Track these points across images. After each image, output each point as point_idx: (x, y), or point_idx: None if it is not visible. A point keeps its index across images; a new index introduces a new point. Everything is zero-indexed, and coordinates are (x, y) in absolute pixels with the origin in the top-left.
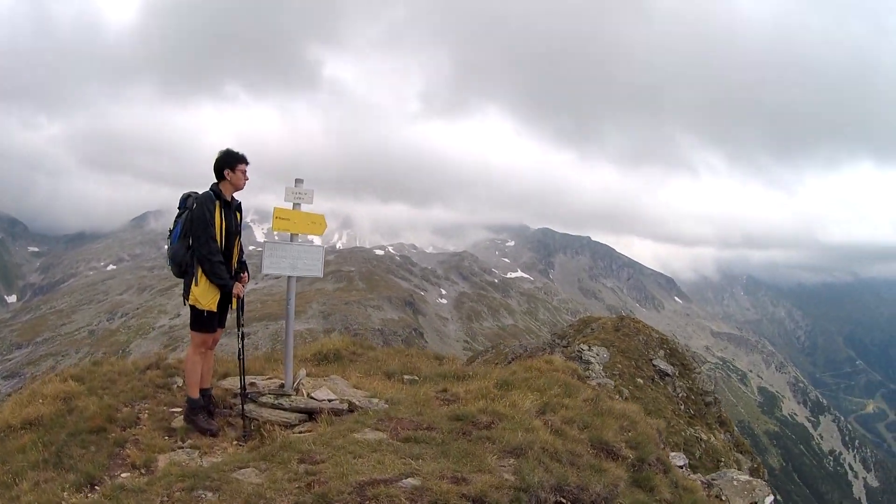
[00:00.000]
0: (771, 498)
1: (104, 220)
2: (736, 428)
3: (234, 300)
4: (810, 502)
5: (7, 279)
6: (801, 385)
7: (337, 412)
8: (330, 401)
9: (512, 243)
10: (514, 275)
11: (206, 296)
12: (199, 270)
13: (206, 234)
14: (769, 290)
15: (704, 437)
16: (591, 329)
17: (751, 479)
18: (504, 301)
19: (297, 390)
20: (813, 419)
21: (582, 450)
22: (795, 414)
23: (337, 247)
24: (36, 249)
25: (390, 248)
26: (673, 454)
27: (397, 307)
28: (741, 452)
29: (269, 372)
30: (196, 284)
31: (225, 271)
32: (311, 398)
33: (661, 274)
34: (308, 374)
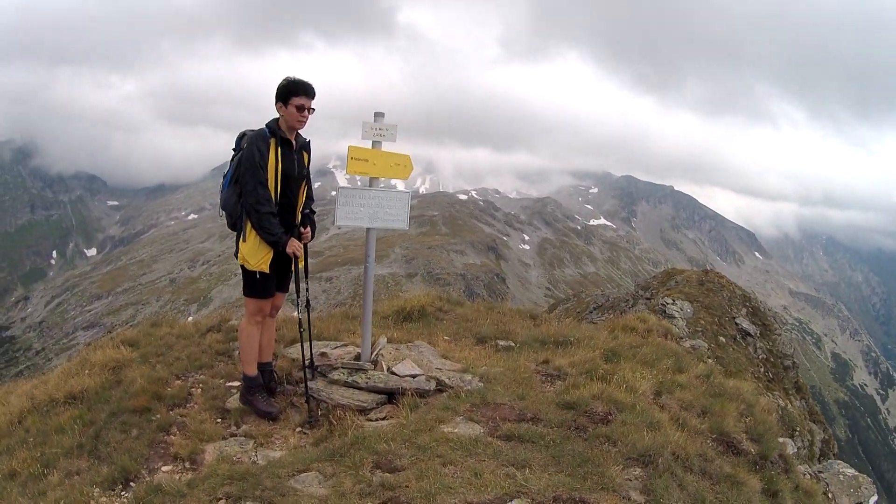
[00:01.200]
0: (875, 498)
1: (183, 171)
2: (810, 395)
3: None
4: (872, 480)
5: (87, 233)
6: (874, 355)
7: (422, 393)
8: (414, 377)
9: (595, 190)
10: (596, 222)
11: (255, 254)
12: (248, 223)
13: (255, 178)
14: (847, 252)
15: (782, 403)
16: (675, 282)
17: (857, 474)
18: (586, 248)
19: (375, 363)
20: (882, 392)
21: (709, 449)
22: (865, 384)
23: (420, 191)
24: (115, 203)
25: (473, 193)
26: (783, 439)
27: (480, 252)
28: (814, 422)
29: (345, 336)
30: (244, 240)
31: (276, 224)
32: (392, 373)
33: (743, 228)
34: (389, 340)
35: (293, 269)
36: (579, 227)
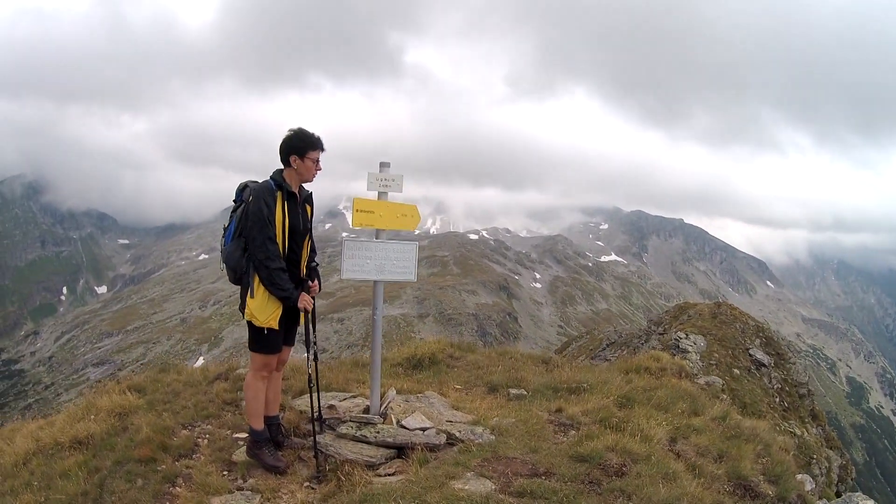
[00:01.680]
0: None
1: (194, 211)
2: (826, 422)
3: (302, 315)
4: (891, 501)
5: (97, 271)
6: (889, 376)
7: (432, 447)
8: (424, 430)
9: (605, 226)
10: (607, 258)
11: (264, 310)
12: (256, 279)
13: (263, 234)
14: (859, 275)
15: (798, 431)
16: (688, 316)
17: None
18: (598, 285)
19: (384, 416)
20: None
21: (725, 497)
22: (882, 406)
23: (431, 232)
24: (126, 242)
25: (484, 233)
26: (800, 476)
27: (492, 291)
28: (831, 448)
29: (354, 386)
30: (252, 296)
31: (287, 280)
32: (402, 427)
33: (754, 257)
34: (399, 391)
35: (302, 321)
36: (590, 264)
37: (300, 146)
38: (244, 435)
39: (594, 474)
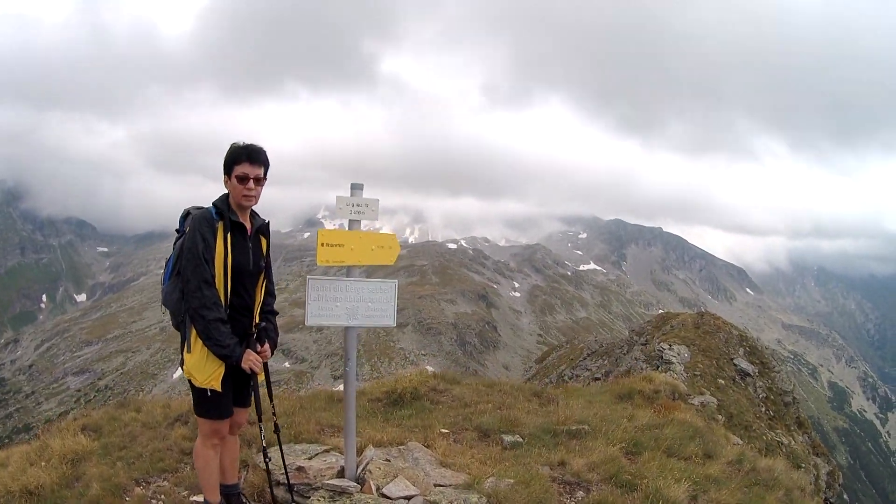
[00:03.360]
0: None
1: (173, 219)
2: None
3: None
4: (876, 502)
5: (77, 279)
6: (871, 380)
7: None
8: (409, 499)
9: (584, 235)
10: (586, 267)
11: (203, 369)
12: (193, 331)
13: (198, 275)
14: (840, 281)
15: (785, 440)
16: (671, 326)
17: None
18: (577, 294)
19: (362, 481)
20: (881, 416)
21: None
22: (864, 410)
23: (409, 241)
24: (105, 249)
25: (463, 242)
26: None
27: (471, 301)
28: (818, 455)
29: (328, 434)
30: (188, 351)
31: (227, 334)
32: (383, 496)
33: (733, 265)
34: (378, 444)
35: (252, 385)
36: (569, 273)
37: (226, 162)
38: (202, 498)
39: None
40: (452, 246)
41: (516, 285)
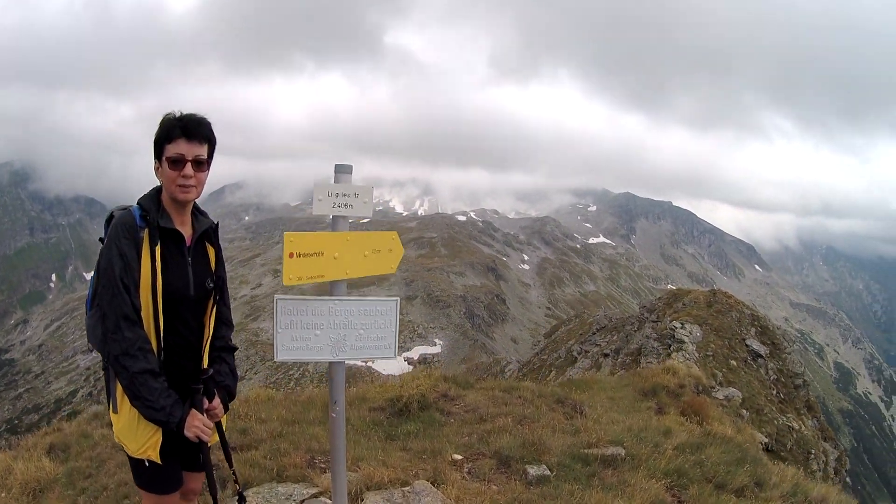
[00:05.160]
0: None
1: None
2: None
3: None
4: (878, 486)
5: (86, 257)
6: (877, 362)
7: None
8: None
9: (594, 208)
10: (595, 240)
11: (135, 435)
12: (118, 383)
13: (116, 310)
14: (848, 261)
15: (795, 425)
16: (683, 304)
17: None
18: (586, 267)
19: None
20: (886, 399)
21: None
22: (869, 392)
23: (419, 213)
24: None
25: (472, 214)
26: None
27: (480, 273)
28: (826, 440)
29: (318, 464)
30: (115, 411)
31: (161, 391)
32: None
33: (742, 241)
34: (378, 485)
35: (202, 455)
36: (579, 246)
37: (155, 140)
38: None
39: None
40: (462, 218)
41: (525, 258)
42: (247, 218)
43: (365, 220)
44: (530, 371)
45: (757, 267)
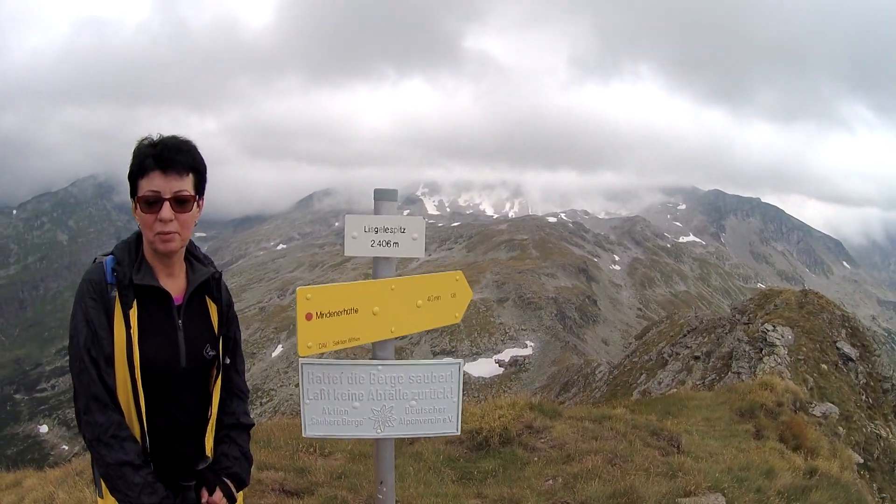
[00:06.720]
0: None
1: (269, 203)
2: None
3: None
4: None
5: None
6: None
7: None
8: None
9: (683, 206)
10: (685, 239)
11: None
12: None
13: (83, 385)
14: None
15: (883, 433)
16: (774, 305)
17: None
18: (676, 266)
19: None
20: None
21: None
22: None
23: (509, 215)
24: (203, 235)
25: (562, 216)
26: None
27: (571, 275)
28: None
29: None
30: (100, 495)
31: (143, 486)
32: None
33: (830, 237)
34: None
35: None
36: (669, 245)
37: (129, 175)
38: None
39: None
40: (552, 220)
41: (616, 258)
42: (336, 224)
43: (453, 226)
44: (620, 374)
45: (845, 263)
